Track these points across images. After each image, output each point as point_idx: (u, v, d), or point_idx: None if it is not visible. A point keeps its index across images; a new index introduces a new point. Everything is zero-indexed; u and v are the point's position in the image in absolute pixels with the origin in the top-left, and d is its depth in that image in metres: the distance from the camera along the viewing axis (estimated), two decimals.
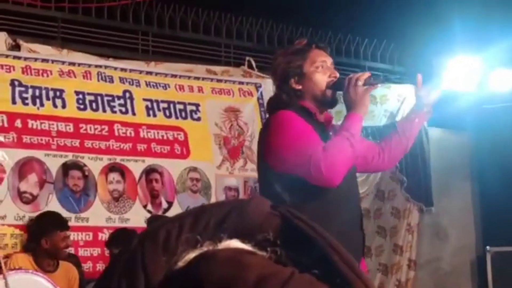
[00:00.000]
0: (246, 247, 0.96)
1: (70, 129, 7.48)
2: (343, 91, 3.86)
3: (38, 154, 7.28)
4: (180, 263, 0.94)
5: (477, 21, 8.67)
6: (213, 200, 8.01)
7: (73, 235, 7.17)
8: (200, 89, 8.35)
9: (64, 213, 7.11)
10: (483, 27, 8.82)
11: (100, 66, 7.81)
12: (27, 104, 7.32)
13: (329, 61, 3.99)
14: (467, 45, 9.36)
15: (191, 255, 0.94)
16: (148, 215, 7.52)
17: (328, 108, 4.01)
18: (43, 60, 7.54)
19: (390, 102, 9.55)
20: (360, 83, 3.83)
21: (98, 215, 7.49)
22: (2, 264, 4.02)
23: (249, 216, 1.00)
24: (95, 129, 7.59)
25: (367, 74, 3.92)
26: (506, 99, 9.73)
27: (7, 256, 6.25)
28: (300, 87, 3.92)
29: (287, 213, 1.02)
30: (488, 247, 9.34)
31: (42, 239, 6.40)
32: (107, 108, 7.73)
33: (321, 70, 3.94)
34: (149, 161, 7.85)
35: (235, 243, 0.96)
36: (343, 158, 3.65)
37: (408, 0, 8.49)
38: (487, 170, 9.84)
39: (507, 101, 9.73)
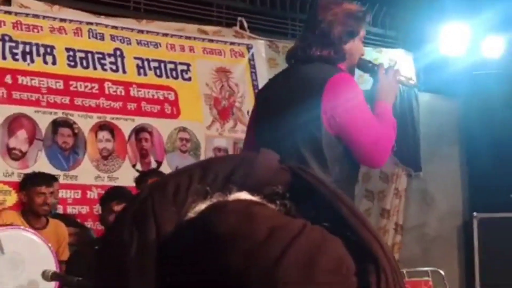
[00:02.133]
0: (256, 199, 0.96)
1: (60, 86, 7.44)
2: (380, 77, 3.85)
3: (28, 110, 7.25)
4: (190, 214, 0.93)
5: None
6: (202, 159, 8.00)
7: (61, 193, 7.18)
8: (191, 49, 8.31)
9: (53, 171, 7.11)
10: None
11: (91, 23, 7.76)
12: (17, 60, 7.28)
13: None
14: (458, 11, 9.35)
15: (201, 206, 0.93)
16: (137, 174, 7.50)
17: None
18: (34, 16, 7.49)
19: None
20: (401, 78, 3.88)
21: (87, 173, 7.48)
22: None
23: (258, 169, 1.00)
24: (85, 86, 7.56)
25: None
26: (497, 65, 9.73)
27: None
28: (348, 48, 3.80)
29: (296, 168, 1.01)
30: (474, 213, 9.39)
31: (21, 193, 6.41)
32: (98, 66, 7.69)
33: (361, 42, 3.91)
34: (139, 120, 7.83)
35: (245, 195, 0.96)
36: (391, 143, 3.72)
37: None
38: (476, 136, 9.86)
39: (497, 68, 9.73)
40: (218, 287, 0.86)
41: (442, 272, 7.67)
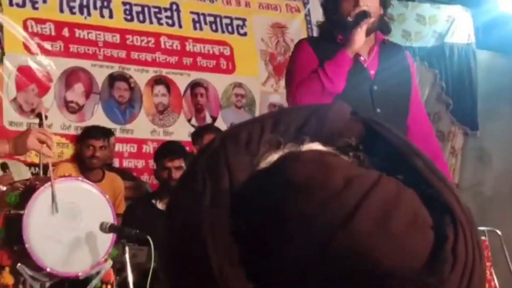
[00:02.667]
0: (329, 150, 0.94)
1: (116, 40, 7.48)
2: None
3: (85, 64, 7.31)
4: (263, 164, 0.92)
5: None
6: (257, 115, 8.00)
7: (117, 147, 7.27)
8: (247, 4, 8.28)
9: (109, 124, 7.18)
10: None
11: None
12: (74, 13, 7.32)
13: None
14: None
15: (274, 156, 0.93)
16: (192, 129, 7.52)
17: None
18: None
19: (439, 23, 9.43)
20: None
21: (143, 128, 7.54)
22: (51, 171, 4.05)
23: (330, 121, 0.98)
24: (141, 40, 7.59)
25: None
26: None
27: (54, 165, 6.32)
28: None
29: (369, 120, 0.99)
30: None
31: (76, 146, 6.57)
32: (154, 20, 7.71)
33: None
34: (195, 75, 7.85)
35: (317, 146, 0.95)
36: None
37: None
38: None
39: None
40: (292, 235, 0.85)
41: (499, 232, 7.59)
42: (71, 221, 4.09)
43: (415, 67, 4.25)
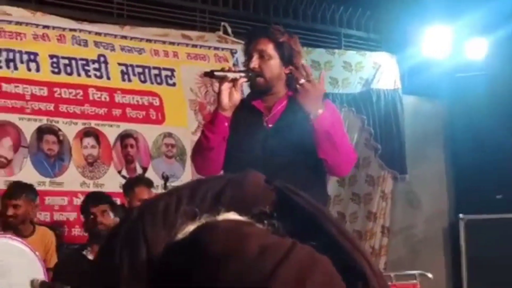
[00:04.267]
0: (244, 219, 0.96)
1: (44, 93, 7.43)
2: None
3: (13, 117, 7.23)
4: (180, 235, 0.93)
5: None
6: (188, 165, 8.00)
7: (48, 200, 7.19)
8: (175, 54, 8.31)
9: (39, 178, 7.12)
10: None
11: (75, 30, 7.74)
12: (0, 67, 7.26)
13: None
14: (441, 13, 9.38)
15: (191, 227, 0.94)
16: (123, 180, 7.48)
17: None
18: (17, 23, 7.47)
19: (365, 69, 9.57)
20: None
21: (73, 180, 7.47)
22: None
23: (246, 189, 1.00)
24: (69, 93, 7.55)
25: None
26: (480, 67, 9.77)
27: None
28: None
29: (283, 187, 1.02)
30: (460, 215, 9.41)
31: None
32: (82, 72, 7.68)
33: None
34: (124, 126, 7.82)
35: (233, 216, 0.96)
36: None
37: None
38: (460, 137, 9.89)
39: (480, 70, 9.77)
40: None
41: (429, 275, 7.67)
42: (0, 279, 4.03)
43: (339, 113, 4.33)
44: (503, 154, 9.40)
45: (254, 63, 3.92)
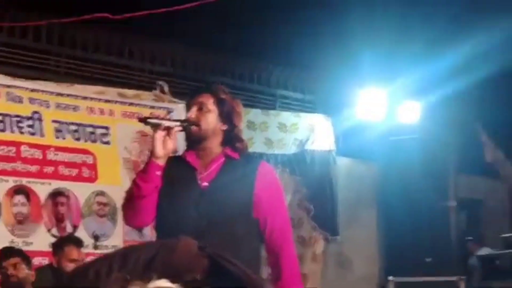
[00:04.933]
0: (176, 286, 0.96)
1: None
2: None
3: None
4: None
5: (386, 53, 8.86)
6: (119, 225, 7.92)
7: None
8: (111, 112, 8.25)
9: None
10: (392, 59, 9.02)
11: (9, 86, 7.65)
12: None
13: None
14: (376, 77, 9.54)
15: None
16: (53, 239, 7.34)
17: None
18: None
19: (300, 130, 9.63)
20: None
21: (1, 239, 7.30)
22: None
23: (178, 256, 1.01)
24: (1, 150, 7.43)
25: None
26: (413, 131, 9.92)
27: None
28: None
29: (214, 254, 1.02)
30: (390, 277, 9.45)
31: None
32: (15, 129, 7.57)
33: None
34: (56, 184, 7.71)
35: (164, 283, 0.96)
36: None
37: (321, 31, 8.60)
38: (393, 200, 9.98)
39: (413, 133, 9.92)
40: None
41: None
42: None
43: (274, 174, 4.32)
44: (433, 217, 9.53)
45: (192, 113, 3.93)
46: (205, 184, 3.91)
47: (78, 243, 6.84)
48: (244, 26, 8.56)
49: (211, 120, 3.95)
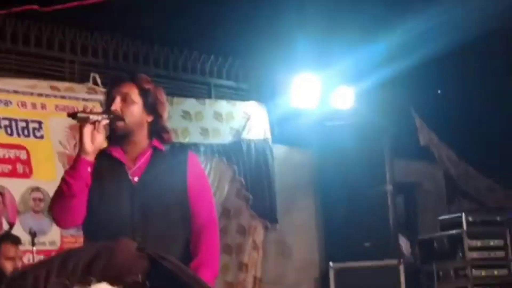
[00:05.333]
0: None
1: None
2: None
3: None
4: None
5: (319, 40, 8.89)
6: None
7: None
8: (43, 106, 8.15)
9: None
10: (325, 45, 9.05)
11: None
12: None
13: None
14: (309, 63, 9.57)
15: None
16: None
17: None
18: None
19: (235, 119, 9.63)
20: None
21: None
22: None
23: (117, 258, 0.98)
24: None
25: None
26: (347, 116, 9.98)
27: None
28: None
29: (154, 255, 1.00)
30: (331, 263, 9.52)
31: None
32: None
33: None
34: None
35: (105, 286, 0.94)
36: None
37: (253, 18, 8.59)
38: (330, 187, 10.03)
39: (347, 118, 9.98)
40: None
41: None
42: None
43: (204, 164, 4.33)
44: (371, 202, 9.61)
45: (116, 105, 3.83)
46: (136, 178, 3.87)
47: (16, 240, 6.77)
48: (175, 16, 8.51)
49: (137, 112, 3.89)
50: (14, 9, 6.62)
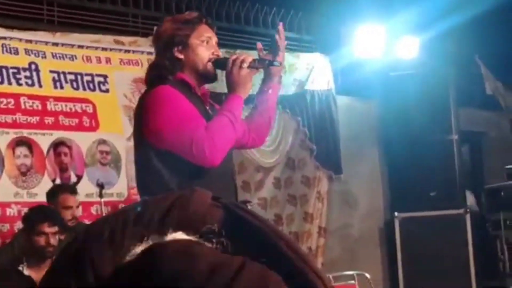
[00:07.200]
0: (193, 238, 0.95)
1: None
2: (226, 71, 3.85)
3: None
4: (128, 257, 0.92)
5: None
6: (123, 172, 7.95)
7: None
8: (108, 60, 8.22)
9: None
10: None
11: (4, 38, 7.60)
12: None
13: (214, 39, 4.03)
14: (373, 13, 9.48)
15: (138, 249, 0.93)
16: None
17: (206, 83, 4.05)
18: None
19: (299, 71, 9.60)
20: (245, 65, 3.82)
21: (6, 191, 7.34)
22: None
23: (192, 208, 0.99)
24: (0, 102, 7.42)
25: (251, 57, 3.92)
26: (411, 66, 9.89)
27: None
28: (182, 56, 3.92)
29: (229, 204, 1.01)
30: (396, 213, 9.51)
31: None
32: (13, 81, 7.55)
33: (206, 45, 3.97)
34: (57, 134, 7.72)
35: (181, 236, 0.95)
36: (225, 138, 3.71)
37: None
38: (394, 136, 10.00)
39: (412, 68, 9.89)
40: None
41: (367, 275, 7.74)
42: None
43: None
44: (435, 151, 9.54)
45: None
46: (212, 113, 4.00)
47: (73, 191, 6.88)
48: None
49: None
50: None
